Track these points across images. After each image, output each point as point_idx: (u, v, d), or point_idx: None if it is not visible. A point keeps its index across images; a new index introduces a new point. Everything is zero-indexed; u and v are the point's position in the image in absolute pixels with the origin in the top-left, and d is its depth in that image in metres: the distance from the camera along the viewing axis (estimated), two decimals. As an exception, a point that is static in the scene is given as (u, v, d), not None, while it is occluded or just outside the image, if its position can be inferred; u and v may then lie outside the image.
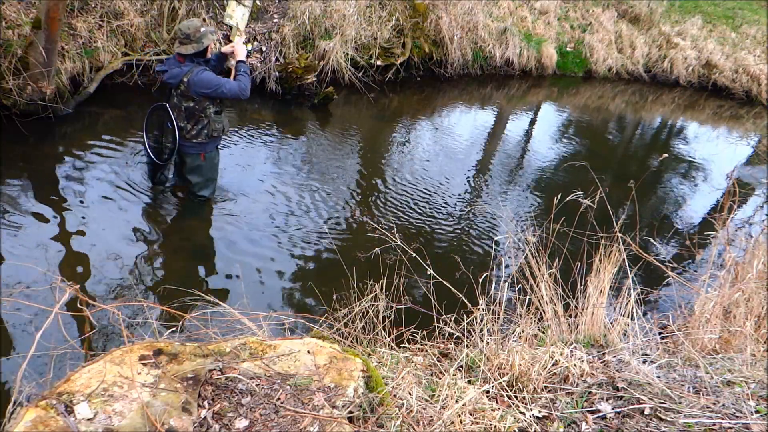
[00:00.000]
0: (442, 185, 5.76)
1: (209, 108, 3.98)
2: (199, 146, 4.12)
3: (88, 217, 4.18)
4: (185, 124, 4.00)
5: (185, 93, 3.89)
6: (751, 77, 11.81)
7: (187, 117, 3.98)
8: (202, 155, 4.18)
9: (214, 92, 3.86)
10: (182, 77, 3.84)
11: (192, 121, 3.99)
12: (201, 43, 3.83)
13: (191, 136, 4.04)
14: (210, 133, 4.08)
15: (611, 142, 8.71)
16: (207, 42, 3.87)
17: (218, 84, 3.84)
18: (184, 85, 3.86)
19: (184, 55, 3.85)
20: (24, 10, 5.53)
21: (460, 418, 1.85)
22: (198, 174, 4.29)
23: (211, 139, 4.15)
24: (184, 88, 3.87)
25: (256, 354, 1.87)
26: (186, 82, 3.84)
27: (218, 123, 4.09)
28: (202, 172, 4.30)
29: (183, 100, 3.93)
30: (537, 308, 2.76)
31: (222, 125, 4.14)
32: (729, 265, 3.48)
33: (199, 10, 6.73)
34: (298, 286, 3.97)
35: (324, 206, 4.93)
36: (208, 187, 4.43)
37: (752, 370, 2.31)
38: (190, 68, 3.85)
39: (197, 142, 4.08)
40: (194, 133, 4.04)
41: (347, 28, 7.52)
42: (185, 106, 3.94)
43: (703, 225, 6.00)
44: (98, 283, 3.59)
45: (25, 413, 1.46)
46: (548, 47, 10.08)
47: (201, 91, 3.85)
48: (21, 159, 4.68)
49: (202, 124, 4.02)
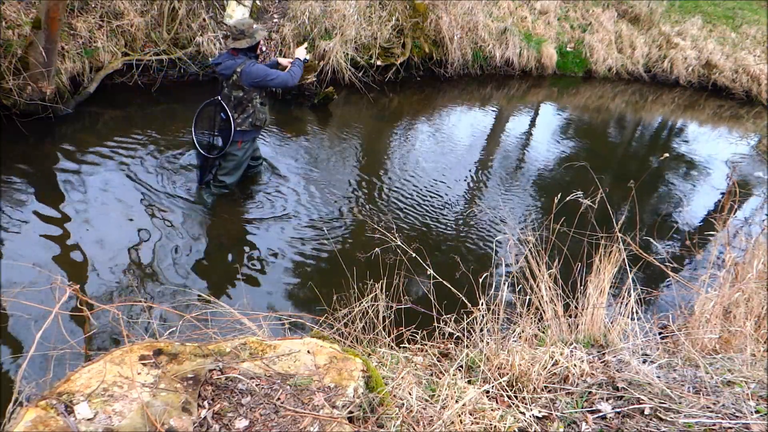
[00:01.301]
0: (442, 185, 5.76)
1: (256, 98, 4.30)
2: (241, 134, 4.38)
3: (88, 216, 4.18)
4: (234, 113, 4.29)
5: (236, 83, 4.20)
6: (751, 77, 11.81)
7: (235, 106, 4.28)
8: (240, 142, 4.44)
9: (263, 81, 4.20)
10: (235, 68, 4.16)
11: (239, 110, 4.29)
12: (254, 38, 4.16)
13: (237, 125, 4.31)
14: (254, 122, 4.37)
15: (611, 142, 8.71)
16: (259, 37, 4.21)
17: (266, 73, 4.19)
18: (236, 75, 4.17)
19: (238, 49, 4.18)
20: (24, 10, 5.53)
21: (460, 418, 1.85)
22: (230, 159, 4.51)
23: (254, 128, 4.43)
24: (236, 78, 4.18)
25: (256, 354, 1.87)
26: (239, 73, 4.16)
27: (262, 113, 4.39)
28: (235, 158, 4.51)
29: (233, 90, 4.23)
30: (537, 308, 2.76)
31: (265, 116, 4.45)
32: (729, 265, 3.48)
33: (199, 10, 6.73)
34: (298, 286, 3.97)
35: (324, 206, 4.94)
36: (233, 175, 4.61)
37: (752, 370, 2.31)
38: (243, 60, 4.17)
39: (240, 130, 4.34)
40: (239, 122, 4.31)
41: (347, 28, 7.52)
42: (235, 95, 4.24)
43: (703, 225, 6.00)
44: (98, 283, 3.59)
45: (25, 413, 1.46)
46: (548, 47, 10.08)
47: (251, 80, 4.17)
48: (21, 159, 4.68)
49: (248, 113, 4.31)
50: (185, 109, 6.29)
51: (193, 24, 6.68)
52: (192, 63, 6.65)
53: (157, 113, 6.08)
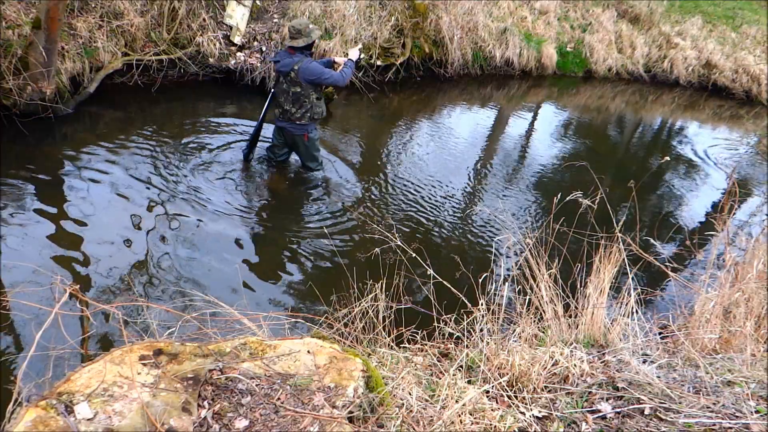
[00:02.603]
0: (442, 185, 5.76)
1: (312, 94, 4.61)
2: (302, 127, 4.77)
3: (88, 216, 4.18)
4: (291, 107, 4.64)
5: (294, 80, 4.52)
6: (751, 77, 11.81)
7: (293, 101, 4.61)
8: (306, 135, 4.83)
9: (318, 79, 4.50)
10: (293, 66, 4.47)
11: (297, 104, 4.63)
12: (310, 37, 4.48)
13: (296, 118, 4.67)
14: (312, 115, 4.72)
15: (611, 142, 8.71)
16: (315, 36, 4.52)
17: (321, 72, 4.49)
18: (294, 73, 4.49)
19: (295, 47, 4.48)
20: (24, 10, 5.53)
21: (460, 418, 1.84)
22: (304, 152, 5.00)
23: (312, 121, 4.80)
24: (293, 75, 4.50)
25: (256, 354, 1.87)
26: (296, 70, 4.47)
27: (318, 107, 4.73)
28: (307, 150, 4.98)
29: (291, 86, 4.56)
30: (537, 308, 2.76)
31: (321, 110, 4.78)
32: (729, 265, 3.47)
33: (199, 10, 6.73)
34: (298, 286, 3.97)
35: (324, 206, 4.94)
36: (315, 160, 5.11)
37: (752, 370, 2.31)
38: (300, 59, 4.48)
39: (300, 124, 4.73)
40: (298, 116, 4.67)
41: (347, 28, 7.52)
42: (292, 91, 4.58)
43: (703, 225, 6.00)
44: (98, 282, 3.59)
45: (25, 413, 1.46)
46: (548, 47, 10.08)
47: (307, 77, 4.48)
48: (21, 159, 4.68)
49: (305, 107, 4.64)
50: (185, 109, 6.29)
51: (193, 24, 6.68)
52: (192, 63, 6.65)
53: (157, 113, 6.08)
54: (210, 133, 5.81)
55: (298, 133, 4.80)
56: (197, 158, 5.26)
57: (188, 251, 4.08)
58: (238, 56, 7.03)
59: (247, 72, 6.93)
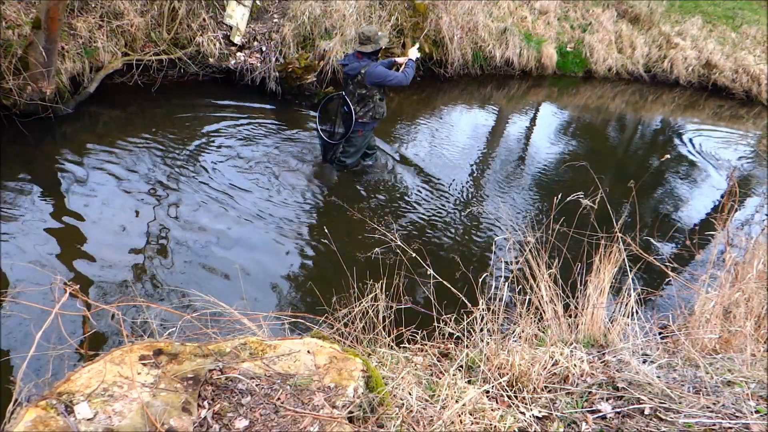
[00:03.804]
0: (442, 185, 5.76)
1: (376, 95, 4.92)
2: (362, 125, 5.05)
3: (88, 216, 4.18)
4: (357, 107, 4.92)
5: (361, 82, 4.82)
6: (751, 77, 11.80)
7: (358, 101, 4.91)
8: (360, 132, 5.11)
9: (383, 81, 4.81)
10: (360, 69, 4.78)
11: (362, 104, 4.93)
12: (377, 44, 4.78)
13: (359, 117, 4.96)
14: (374, 115, 5.01)
15: (611, 142, 8.71)
16: (382, 44, 4.82)
17: (386, 74, 4.80)
18: (361, 76, 4.79)
19: (363, 53, 4.79)
20: (24, 10, 5.53)
21: (460, 418, 1.84)
22: (352, 144, 5.20)
23: (373, 120, 5.08)
24: (360, 78, 4.81)
25: (256, 354, 1.87)
26: (363, 74, 4.77)
27: (380, 108, 5.03)
28: (355, 144, 5.21)
29: (357, 88, 4.87)
30: (537, 308, 2.76)
31: (383, 110, 5.08)
32: (729, 265, 3.47)
33: (199, 10, 6.73)
34: (298, 286, 3.97)
35: (324, 206, 4.94)
36: (354, 156, 5.33)
37: (752, 370, 2.31)
38: (367, 63, 4.79)
39: (362, 122, 5.01)
40: (361, 114, 4.96)
41: (347, 28, 7.52)
42: (358, 92, 4.88)
43: (703, 225, 6.00)
44: (98, 282, 3.59)
45: (25, 413, 1.46)
46: (548, 47, 10.08)
47: (373, 80, 4.78)
48: (21, 159, 4.68)
49: (369, 107, 4.95)
50: (185, 109, 6.29)
51: (193, 24, 6.68)
52: (192, 63, 6.65)
53: (157, 113, 6.08)
54: (209, 133, 5.81)
55: (355, 128, 5.04)
56: (197, 158, 5.26)
57: (188, 251, 4.08)
58: (238, 56, 7.03)
59: (247, 72, 6.93)
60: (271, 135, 6.08)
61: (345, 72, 4.90)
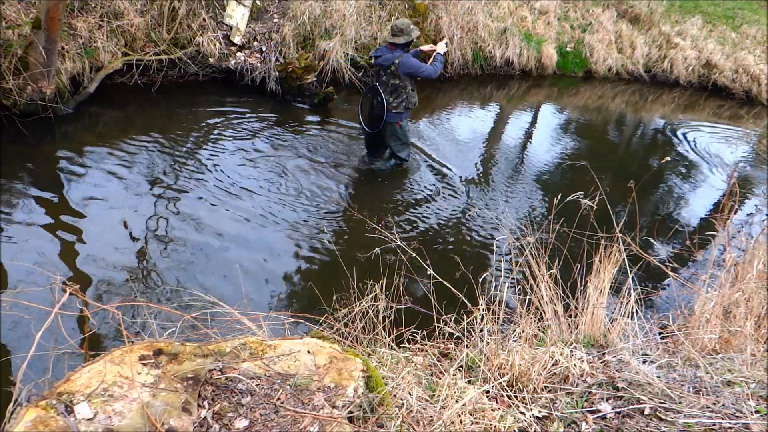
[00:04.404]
0: (443, 185, 5.76)
1: (408, 85, 5.10)
2: (397, 116, 5.21)
3: (88, 216, 4.18)
4: (389, 97, 5.09)
5: (394, 73, 5.00)
6: (751, 77, 11.79)
7: (392, 92, 5.08)
8: (399, 123, 5.27)
9: (415, 72, 4.99)
10: (393, 60, 4.95)
11: (395, 95, 5.10)
12: (410, 35, 4.95)
13: (392, 107, 5.12)
14: (407, 105, 5.20)
15: (611, 142, 8.70)
16: (414, 36, 5.00)
17: (419, 66, 4.99)
18: (394, 66, 4.97)
19: (396, 44, 4.94)
20: (24, 10, 5.53)
21: (460, 418, 1.84)
22: (396, 140, 5.40)
23: (406, 111, 5.26)
24: (393, 69, 4.98)
25: (256, 354, 1.86)
26: (396, 64, 4.96)
27: (413, 98, 5.22)
28: (400, 138, 5.40)
29: (391, 78, 5.04)
30: (537, 308, 2.76)
31: (415, 100, 5.28)
32: (729, 265, 3.47)
33: (199, 10, 6.73)
34: (298, 286, 3.97)
35: (324, 206, 4.94)
36: (404, 150, 5.53)
37: (752, 370, 2.31)
38: (400, 54, 4.96)
39: (396, 113, 5.17)
40: (395, 105, 5.13)
41: (347, 28, 7.52)
42: (392, 83, 5.06)
43: (703, 225, 6.00)
44: (98, 283, 3.59)
45: (25, 413, 1.46)
46: (548, 47, 10.08)
47: (406, 70, 4.97)
48: (21, 159, 4.68)
49: (402, 97, 5.12)
50: (185, 109, 6.29)
51: (193, 24, 6.68)
52: (192, 63, 6.65)
53: (157, 113, 6.08)
54: (209, 133, 5.81)
55: (393, 121, 5.22)
56: (197, 158, 5.26)
57: (188, 251, 4.08)
58: (238, 56, 7.03)
59: (247, 72, 6.93)
60: (271, 135, 6.08)
61: (378, 63, 5.06)
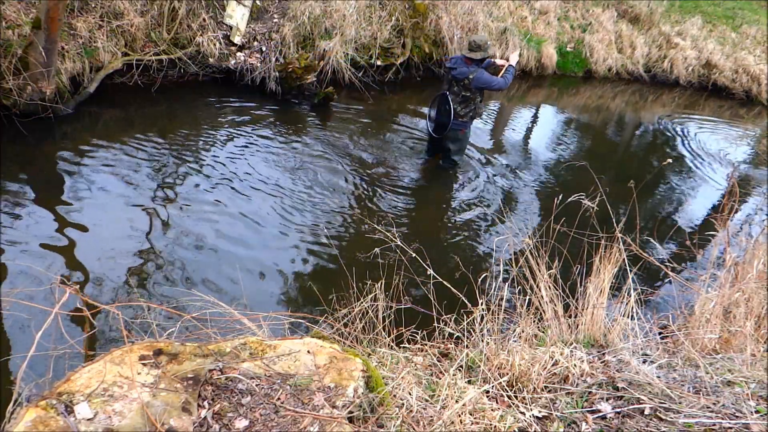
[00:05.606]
0: (443, 185, 5.76)
1: (478, 97, 5.34)
2: (462, 124, 5.48)
3: (88, 216, 4.18)
4: (459, 107, 5.33)
5: (467, 86, 5.20)
6: (751, 77, 11.79)
7: (462, 102, 5.32)
8: (462, 131, 5.56)
9: (488, 86, 5.22)
10: (468, 75, 5.15)
11: (464, 105, 5.34)
12: (486, 52, 5.17)
13: (459, 116, 5.38)
14: (474, 115, 5.47)
15: (611, 142, 8.70)
16: (490, 53, 5.26)
17: (491, 80, 5.19)
18: (468, 80, 5.16)
19: (472, 59, 5.15)
20: (24, 10, 5.53)
21: (460, 418, 1.84)
22: (457, 144, 5.67)
23: (471, 120, 5.52)
24: (467, 82, 5.18)
25: (256, 354, 1.87)
26: (471, 79, 5.15)
27: (480, 108, 5.51)
28: (460, 143, 5.71)
29: (463, 90, 5.25)
30: (537, 308, 2.76)
31: (482, 110, 5.61)
32: (729, 265, 3.47)
33: (199, 10, 6.73)
34: (298, 286, 3.97)
35: (324, 206, 4.93)
36: (460, 154, 5.84)
37: (752, 370, 2.31)
38: (475, 69, 5.16)
39: (463, 121, 5.45)
40: (462, 114, 5.38)
41: (347, 28, 7.52)
42: (463, 94, 5.27)
43: (703, 225, 6.00)
44: (98, 283, 3.59)
45: (25, 413, 1.46)
46: (548, 47, 10.07)
47: (479, 85, 5.19)
48: (21, 159, 4.68)
49: (470, 108, 5.38)
50: (185, 109, 6.29)
51: (193, 24, 6.68)
52: (192, 63, 6.65)
53: (157, 113, 6.08)
54: (209, 133, 5.82)
55: (457, 128, 5.46)
56: (197, 157, 5.26)
57: (188, 251, 4.08)
58: (238, 56, 7.03)
59: (247, 72, 6.93)
60: (271, 135, 6.08)
61: (453, 75, 5.23)
